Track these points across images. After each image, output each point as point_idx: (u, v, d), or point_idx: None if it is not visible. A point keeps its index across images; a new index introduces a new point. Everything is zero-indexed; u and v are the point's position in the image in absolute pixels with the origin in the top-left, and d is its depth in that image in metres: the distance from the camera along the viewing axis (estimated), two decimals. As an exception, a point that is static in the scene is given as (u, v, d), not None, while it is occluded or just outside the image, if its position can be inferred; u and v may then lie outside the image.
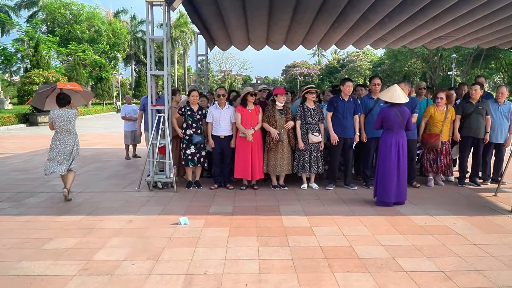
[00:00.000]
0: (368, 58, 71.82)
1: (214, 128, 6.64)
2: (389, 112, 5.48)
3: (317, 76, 79.36)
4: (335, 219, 5.04)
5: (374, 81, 6.67)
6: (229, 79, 73.32)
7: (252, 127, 6.48)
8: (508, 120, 6.76)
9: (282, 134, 6.53)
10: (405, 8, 6.82)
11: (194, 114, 6.66)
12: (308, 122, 6.58)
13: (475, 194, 6.33)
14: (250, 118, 6.51)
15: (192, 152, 6.64)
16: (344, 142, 6.59)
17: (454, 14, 7.07)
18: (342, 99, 6.57)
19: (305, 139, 6.59)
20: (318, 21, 8.35)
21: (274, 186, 6.74)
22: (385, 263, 3.73)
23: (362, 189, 6.70)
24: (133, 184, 7.14)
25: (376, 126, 5.71)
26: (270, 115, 6.56)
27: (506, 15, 7.12)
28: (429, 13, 6.98)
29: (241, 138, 6.53)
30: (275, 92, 6.64)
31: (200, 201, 5.94)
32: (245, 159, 6.52)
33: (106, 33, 35.50)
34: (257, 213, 5.33)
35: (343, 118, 6.54)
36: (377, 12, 7.31)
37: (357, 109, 6.63)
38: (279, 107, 6.62)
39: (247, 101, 6.53)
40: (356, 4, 6.90)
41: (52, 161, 5.97)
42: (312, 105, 6.67)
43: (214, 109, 6.66)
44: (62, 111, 5.95)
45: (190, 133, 6.62)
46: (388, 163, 5.49)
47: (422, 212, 5.34)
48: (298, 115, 6.63)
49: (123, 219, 5.09)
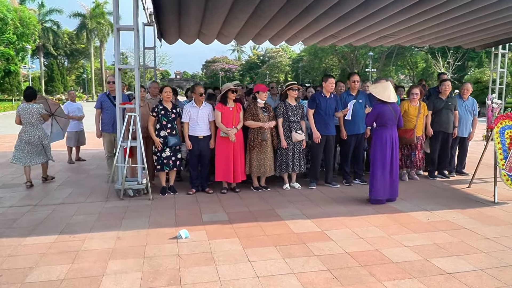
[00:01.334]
0: (287, 55, 73.68)
1: (191, 128, 6.09)
2: (384, 108, 5.41)
3: (238, 72, 79.82)
4: (341, 221, 4.85)
5: (353, 77, 6.60)
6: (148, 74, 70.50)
7: (234, 126, 6.06)
8: (472, 115, 7.13)
9: (267, 133, 6.20)
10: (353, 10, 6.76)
11: (168, 113, 6.04)
12: (291, 120, 6.32)
13: (451, 187, 6.57)
14: (231, 116, 6.08)
15: (167, 156, 6.03)
16: (326, 139, 6.44)
17: (402, 16, 7.10)
18: (324, 96, 6.41)
19: (287, 138, 6.32)
20: (281, 14, 8.10)
21: (256, 188, 6.39)
22: (423, 266, 3.61)
23: (344, 186, 6.63)
24: (96, 192, 6.31)
25: (368, 122, 5.63)
26: (253, 113, 6.18)
27: (450, 17, 7.31)
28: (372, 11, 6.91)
29: (222, 139, 6.06)
30: (256, 89, 6.27)
31: (186, 209, 5.40)
32: (226, 161, 6.07)
33: (12, 22, 31.84)
34: (257, 219, 4.95)
35: (325, 115, 6.38)
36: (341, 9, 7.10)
37: (338, 106, 6.52)
38: (261, 104, 6.27)
39: (228, 98, 6.09)
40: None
41: (20, 151, 6.42)
42: (293, 102, 6.43)
43: (191, 107, 6.11)
44: (26, 105, 6.35)
45: (164, 134, 6.00)
46: (384, 160, 5.44)
47: (417, 208, 5.37)
48: (280, 113, 6.34)
49: (108, 236, 4.40)
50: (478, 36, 9.97)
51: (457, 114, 6.94)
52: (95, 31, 47.41)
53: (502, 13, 6.94)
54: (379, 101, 5.50)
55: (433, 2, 6.22)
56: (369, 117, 5.56)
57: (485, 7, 6.52)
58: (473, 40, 10.81)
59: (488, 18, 7.30)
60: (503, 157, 5.57)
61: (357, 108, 6.55)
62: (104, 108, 6.83)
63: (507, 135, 5.61)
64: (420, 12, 6.81)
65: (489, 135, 6.10)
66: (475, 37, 10.08)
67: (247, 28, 9.17)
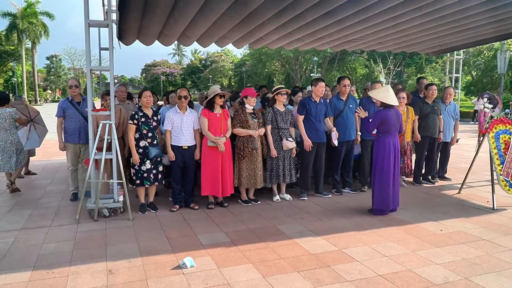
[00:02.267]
0: (229, 59, 73.56)
1: (175, 136, 5.45)
2: (388, 114, 5.14)
3: (179, 76, 78.38)
4: (354, 237, 4.47)
5: (343, 82, 6.29)
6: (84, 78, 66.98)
7: (222, 134, 5.50)
8: (454, 119, 7.12)
9: (257, 141, 5.70)
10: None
11: (149, 121, 5.35)
12: (281, 127, 5.88)
13: (442, 193, 6.47)
14: (219, 123, 5.51)
15: (148, 169, 5.34)
16: (317, 147, 6.07)
17: (367, 23, 7.02)
18: (314, 101, 6.04)
19: (277, 146, 5.87)
20: (254, 15, 7.64)
21: (245, 201, 5.86)
22: (467, 286, 3.31)
23: (335, 196, 6.29)
24: (62, 213, 5.45)
25: (371, 128, 5.32)
26: (242, 120, 5.66)
27: (410, 25, 7.26)
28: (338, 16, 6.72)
29: (209, 149, 5.48)
30: (244, 94, 5.75)
31: (176, 230, 4.75)
32: (214, 173, 5.49)
33: None
34: (262, 238, 4.43)
35: (316, 122, 6.01)
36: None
37: (328, 112, 6.18)
38: (250, 110, 5.76)
39: (215, 103, 5.51)
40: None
41: None
42: (282, 108, 5.99)
43: (174, 113, 5.46)
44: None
45: (144, 145, 5.30)
46: (388, 169, 5.16)
47: (422, 218, 5.13)
48: (269, 119, 5.87)
49: (96, 269, 3.67)
50: (436, 43, 10.23)
51: (442, 119, 6.88)
52: (27, 31, 43.96)
53: (458, 22, 7.05)
54: (382, 105, 5.22)
55: (394, 12, 6.13)
56: (372, 123, 5.26)
57: (442, 17, 6.55)
58: (430, 46, 11.09)
59: (445, 26, 7.41)
60: (499, 162, 5.51)
61: (348, 113, 6.26)
62: (68, 116, 5.95)
63: (502, 139, 5.57)
64: (382, 20, 6.74)
65: (480, 140, 6.05)
66: (433, 43, 10.33)
67: (213, 30, 8.55)
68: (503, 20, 6.85)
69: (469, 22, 7.03)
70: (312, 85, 6.10)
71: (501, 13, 6.30)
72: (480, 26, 7.39)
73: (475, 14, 6.39)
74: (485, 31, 8.01)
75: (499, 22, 6.99)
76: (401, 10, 6.09)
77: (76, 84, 6.13)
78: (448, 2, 5.73)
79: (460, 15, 6.46)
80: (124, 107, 6.45)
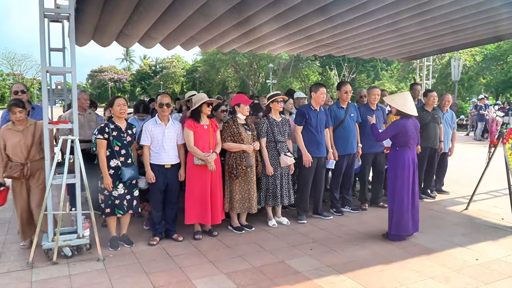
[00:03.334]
0: (181, 65, 72.17)
1: (155, 153, 4.46)
2: (407, 124, 4.46)
3: (128, 82, 75.73)
4: (384, 273, 3.72)
5: (345, 87, 5.57)
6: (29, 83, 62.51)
7: (212, 149, 4.58)
8: (451, 128, 6.64)
9: (251, 157, 4.84)
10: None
11: (122, 135, 4.33)
12: (278, 140, 5.05)
13: (448, 210, 5.91)
14: (207, 137, 4.59)
15: (121, 194, 4.31)
16: (317, 162, 5.31)
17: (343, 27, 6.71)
18: (314, 109, 5.28)
19: (274, 162, 5.04)
20: (228, 15, 6.79)
21: (237, 228, 4.96)
22: None
23: (336, 217, 5.54)
24: (7, 254, 4.28)
25: (382, 138, 4.67)
26: (234, 132, 4.77)
27: (382, 32, 7.08)
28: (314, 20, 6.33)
29: (195, 168, 4.54)
30: (236, 101, 4.86)
31: (164, 272, 3.77)
32: (202, 197, 4.56)
33: None
34: (275, 282, 3.56)
35: (316, 133, 5.25)
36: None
37: (328, 121, 5.45)
38: (242, 120, 4.89)
39: (202, 113, 4.59)
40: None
41: None
42: (279, 118, 5.17)
43: (154, 125, 4.47)
44: None
45: (116, 165, 4.27)
46: (407, 188, 4.48)
47: (447, 244, 4.48)
48: (264, 131, 5.03)
49: None
50: (405, 49, 10.03)
51: (442, 128, 6.37)
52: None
53: (428, 29, 6.88)
54: (399, 114, 4.55)
55: (370, 18, 5.92)
56: (386, 132, 4.57)
57: (412, 24, 6.41)
58: (400, 53, 10.91)
59: (416, 33, 7.25)
60: (519, 176, 5.02)
61: (349, 123, 5.55)
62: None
63: (520, 151, 5.09)
64: (357, 26, 6.48)
65: (491, 152, 5.56)
66: (402, 50, 10.13)
67: (181, 30, 7.60)
68: (467, 30, 6.94)
69: (441, 29, 6.96)
70: (312, 91, 5.34)
71: (470, 21, 6.31)
72: (449, 34, 7.39)
73: (448, 21, 6.29)
74: (455, 39, 7.97)
75: (464, 31, 7.05)
76: (376, 17, 5.85)
77: (23, 89, 4.92)
78: (418, 11, 5.59)
79: (432, 22, 6.33)
80: (85, 117, 5.36)
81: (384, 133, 4.60)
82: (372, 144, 5.71)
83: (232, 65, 48.79)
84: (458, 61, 23.17)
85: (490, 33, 7.57)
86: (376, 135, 4.74)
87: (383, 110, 5.90)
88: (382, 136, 4.63)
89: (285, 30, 7.19)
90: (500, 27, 6.98)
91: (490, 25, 6.78)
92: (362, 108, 5.81)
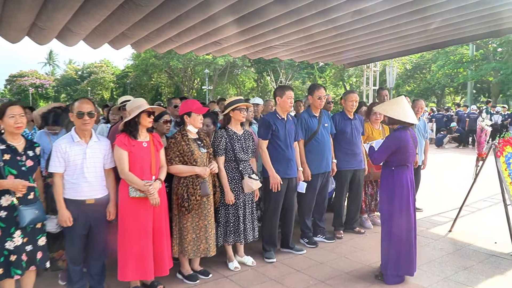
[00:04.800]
0: (110, 70, 69.17)
1: (71, 184, 3.13)
2: (405, 138, 3.54)
3: (52, 88, 70.76)
4: None
5: (318, 92, 4.47)
6: None
7: (154, 176, 3.34)
8: (424, 138, 5.94)
9: (208, 183, 3.65)
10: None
11: (19, 158, 2.94)
12: (240, 158, 3.92)
13: (432, 233, 5.12)
14: (148, 158, 3.34)
15: (18, 246, 2.91)
16: (287, 185, 4.26)
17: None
18: (281, 118, 4.23)
19: (236, 187, 3.91)
20: (170, 6, 5.59)
21: (188, 277, 3.72)
22: None
23: (310, 250, 4.51)
24: None
25: (378, 159, 3.67)
26: (184, 150, 3.55)
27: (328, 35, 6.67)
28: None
29: (131, 202, 3.26)
30: (186, 109, 3.64)
31: None
32: (142, 243, 3.28)
33: None
34: None
35: (285, 148, 4.20)
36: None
37: (298, 133, 4.42)
38: (194, 134, 3.70)
39: (139, 126, 3.34)
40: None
41: None
42: (240, 130, 4.04)
43: (69, 144, 3.13)
44: None
45: (11, 203, 2.88)
46: (408, 218, 3.55)
47: (453, 284, 3.62)
48: (222, 148, 3.88)
49: None
50: (353, 54, 9.61)
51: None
52: None
53: (378, 33, 6.57)
54: (391, 123, 3.63)
55: (309, 22, 5.60)
56: (383, 151, 3.60)
57: (361, 28, 6.12)
58: (346, 57, 10.52)
59: (364, 37, 6.90)
60: (518, 193, 4.33)
61: (323, 135, 4.56)
62: None
63: (516, 165, 4.42)
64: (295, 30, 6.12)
65: (479, 166, 4.86)
66: (350, 55, 9.72)
67: (110, 24, 6.22)
68: (424, 32, 6.67)
69: (389, 34, 6.70)
70: (276, 96, 4.27)
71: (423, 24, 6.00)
72: (401, 38, 7.15)
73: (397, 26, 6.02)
74: (407, 42, 7.77)
75: (416, 34, 6.82)
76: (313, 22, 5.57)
77: None
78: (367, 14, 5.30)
79: (380, 26, 6.03)
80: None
81: (382, 152, 3.62)
82: (349, 159, 4.79)
83: (165, 70, 46.74)
84: (393, 68, 23.64)
85: (434, 39, 7.42)
86: (375, 158, 3.72)
87: (360, 119, 4.99)
88: (379, 156, 3.65)
89: (226, 31, 6.30)
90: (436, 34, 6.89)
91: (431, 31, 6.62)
92: (337, 117, 4.86)
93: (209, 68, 40.39)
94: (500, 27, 6.51)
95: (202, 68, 40.55)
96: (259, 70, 43.07)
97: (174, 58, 36.64)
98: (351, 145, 4.81)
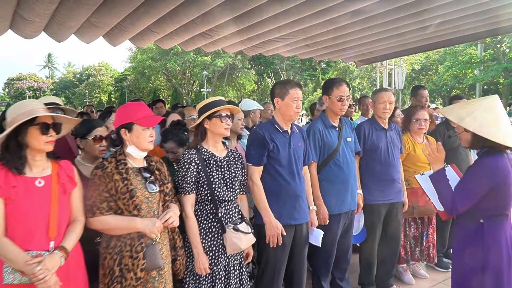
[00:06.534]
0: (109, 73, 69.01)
1: None
2: (506, 168, 2.02)
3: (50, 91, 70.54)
4: None
5: (338, 90, 2.98)
6: None
7: (53, 242, 1.81)
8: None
9: (158, 244, 2.12)
10: None
11: None
12: (219, 197, 2.39)
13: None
14: (43, 208, 1.82)
15: None
16: (294, 234, 2.74)
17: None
18: (282, 131, 2.71)
19: (213, 246, 2.38)
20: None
21: None
22: None
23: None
24: None
25: (464, 205, 2.11)
26: (118, 189, 2.02)
27: None
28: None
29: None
30: (124, 119, 2.13)
31: None
32: None
33: None
34: None
35: (290, 177, 2.68)
36: None
37: (309, 153, 2.90)
38: (138, 161, 2.17)
39: (29, 150, 1.83)
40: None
41: None
42: (222, 151, 2.51)
43: None
44: None
45: None
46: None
47: None
48: (190, 181, 2.35)
49: None
50: (361, 50, 8.39)
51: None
52: None
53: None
54: (474, 142, 2.11)
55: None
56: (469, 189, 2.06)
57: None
58: (355, 54, 9.32)
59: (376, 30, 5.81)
60: None
61: (346, 154, 3.02)
62: None
63: None
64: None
65: None
66: (360, 51, 8.50)
67: (104, 13, 4.61)
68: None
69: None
70: (276, 96, 2.74)
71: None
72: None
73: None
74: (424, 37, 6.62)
75: None
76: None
77: None
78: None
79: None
80: None
81: (469, 193, 2.05)
82: (383, 189, 3.26)
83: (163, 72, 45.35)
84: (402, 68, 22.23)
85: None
86: (454, 203, 2.12)
87: (397, 129, 3.47)
88: (464, 199, 2.05)
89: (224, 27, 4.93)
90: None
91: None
92: (366, 126, 3.32)
93: (208, 70, 38.95)
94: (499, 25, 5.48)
95: (200, 70, 39.16)
96: (259, 72, 41.79)
97: (171, 60, 35.43)
98: (387, 167, 3.27)
